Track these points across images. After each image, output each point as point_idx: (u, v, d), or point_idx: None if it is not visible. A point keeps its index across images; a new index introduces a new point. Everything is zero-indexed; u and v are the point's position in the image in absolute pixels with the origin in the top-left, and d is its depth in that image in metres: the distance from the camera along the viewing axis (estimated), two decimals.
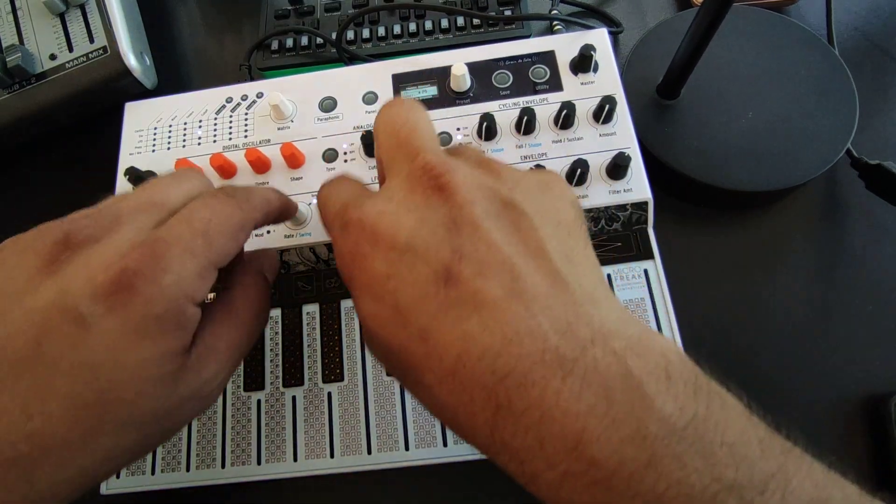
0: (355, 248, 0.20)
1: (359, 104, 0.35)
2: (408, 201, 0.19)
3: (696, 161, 0.34)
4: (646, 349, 0.17)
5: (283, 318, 0.32)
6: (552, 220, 0.20)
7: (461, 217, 0.18)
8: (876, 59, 0.40)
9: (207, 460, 0.30)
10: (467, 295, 0.17)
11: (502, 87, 0.35)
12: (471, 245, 0.18)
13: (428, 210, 0.19)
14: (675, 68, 0.34)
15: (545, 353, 0.16)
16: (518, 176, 0.21)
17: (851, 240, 0.35)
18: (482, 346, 0.17)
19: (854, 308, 0.33)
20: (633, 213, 0.31)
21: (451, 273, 0.17)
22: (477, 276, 0.17)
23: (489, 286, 0.17)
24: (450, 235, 0.18)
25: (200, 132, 0.36)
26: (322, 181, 0.24)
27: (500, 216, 0.19)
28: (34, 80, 0.38)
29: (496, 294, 0.17)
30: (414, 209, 0.19)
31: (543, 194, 0.21)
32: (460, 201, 0.19)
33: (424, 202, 0.19)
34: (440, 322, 0.17)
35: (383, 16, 0.42)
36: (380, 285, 0.19)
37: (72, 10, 0.40)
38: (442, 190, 0.19)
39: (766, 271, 0.34)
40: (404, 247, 0.18)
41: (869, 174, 0.34)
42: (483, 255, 0.18)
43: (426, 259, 0.18)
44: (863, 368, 0.32)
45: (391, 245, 0.19)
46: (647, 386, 0.15)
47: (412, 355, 0.18)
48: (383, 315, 0.19)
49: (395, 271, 0.18)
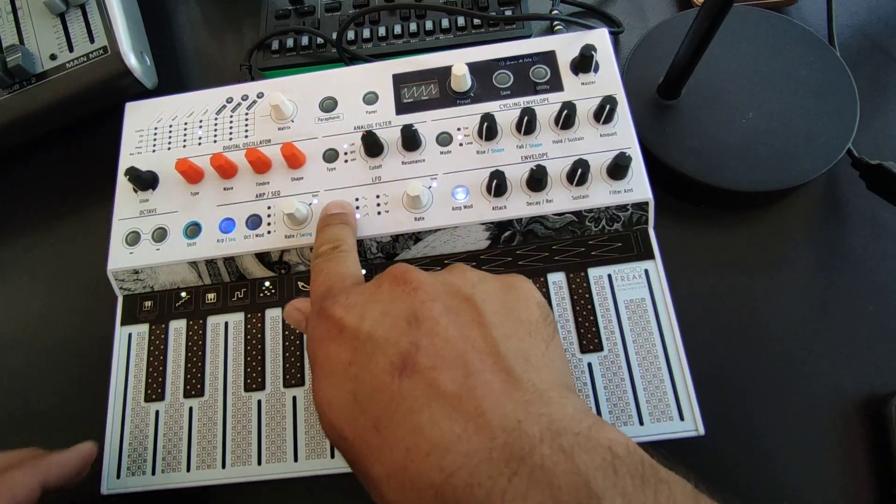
0: (325, 334, 0.21)
1: (359, 104, 0.35)
2: (375, 295, 0.21)
3: (697, 161, 0.34)
4: (594, 444, 0.17)
5: (283, 319, 0.32)
6: (512, 319, 0.21)
7: (422, 311, 0.20)
8: (876, 59, 0.40)
9: (207, 460, 0.29)
10: (421, 388, 0.18)
11: (503, 87, 0.35)
12: (428, 339, 0.19)
13: (392, 303, 0.20)
14: (675, 68, 0.34)
15: (492, 452, 0.16)
16: (484, 276, 0.22)
17: (852, 240, 0.35)
18: (431, 441, 0.17)
19: (854, 308, 0.33)
20: (634, 214, 0.31)
21: (407, 365, 0.18)
22: (431, 370, 0.18)
23: (443, 380, 0.18)
24: (409, 328, 0.19)
25: (201, 132, 0.36)
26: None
27: (460, 313, 0.20)
28: (34, 80, 0.38)
29: (449, 389, 0.18)
30: (379, 302, 0.21)
31: (506, 294, 0.22)
32: (422, 296, 0.20)
33: (389, 296, 0.21)
34: (393, 413, 0.18)
35: (384, 16, 0.42)
36: (341, 372, 0.20)
37: (72, 10, 0.40)
38: (406, 283, 0.21)
39: (766, 271, 0.34)
40: (366, 337, 0.20)
41: (870, 174, 0.34)
42: (439, 349, 0.18)
43: (385, 349, 0.19)
44: (863, 369, 0.32)
45: (354, 335, 0.20)
46: (595, 482, 0.15)
47: (365, 445, 0.18)
48: (341, 402, 0.19)
49: (356, 360, 0.19)
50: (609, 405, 0.28)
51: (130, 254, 0.33)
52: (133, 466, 0.30)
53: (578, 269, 0.31)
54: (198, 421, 0.30)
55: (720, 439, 0.30)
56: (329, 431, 0.21)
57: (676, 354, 0.29)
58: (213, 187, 0.34)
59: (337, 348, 0.20)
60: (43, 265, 0.39)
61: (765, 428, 0.31)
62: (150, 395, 0.31)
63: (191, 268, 0.33)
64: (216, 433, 0.30)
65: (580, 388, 0.29)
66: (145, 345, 0.32)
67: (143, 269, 0.33)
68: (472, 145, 0.33)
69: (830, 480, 0.29)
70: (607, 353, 0.29)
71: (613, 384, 0.29)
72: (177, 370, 0.31)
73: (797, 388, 0.31)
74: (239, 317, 0.32)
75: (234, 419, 0.30)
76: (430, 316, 0.19)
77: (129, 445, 0.30)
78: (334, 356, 0.20)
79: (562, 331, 0.30)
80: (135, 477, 0.30)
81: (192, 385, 0.31)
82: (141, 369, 0.32)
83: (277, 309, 0.32)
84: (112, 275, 0.33)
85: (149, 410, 0.31)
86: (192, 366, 0.31)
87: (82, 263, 0.38)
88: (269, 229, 0.32)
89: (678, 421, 0.28)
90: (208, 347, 0.32)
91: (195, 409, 0.31)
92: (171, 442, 0.30)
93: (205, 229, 0.33)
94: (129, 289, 0.33)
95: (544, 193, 0.32)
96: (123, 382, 0.31)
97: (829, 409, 0.31)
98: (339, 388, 0.19)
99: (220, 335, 0.32)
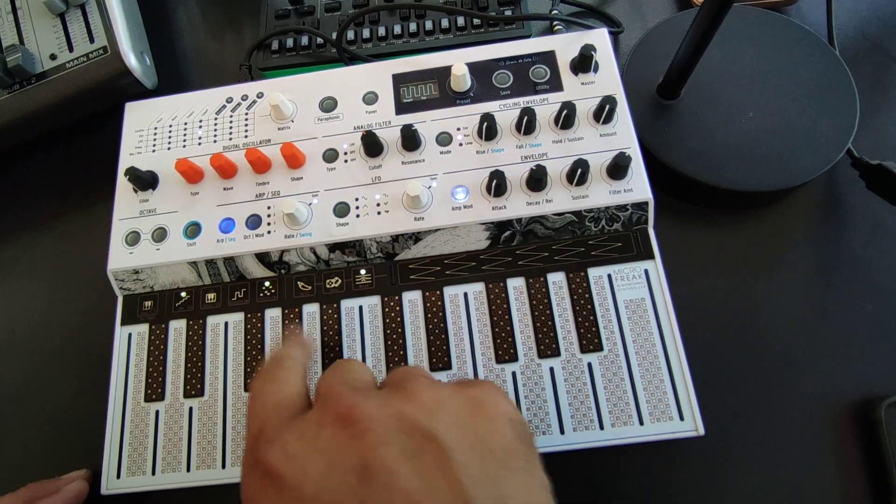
0: (260, 493, 0.18)
1: (359, 104, 0.35)
2: (317, 440, 0.18)
3: (697, 161, 0.34)
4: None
5: (283, 319, 0.32)
6: (480, 449, 0.18)
7: (373, 461, 0.17)
8: (876, 59, 0.40)
9: (208, 460, 0.30)
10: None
11: (503, 87, 0.35)
12: (385, 495, 0.16)
13: (338, 453, 0.17)
14: (675, 68, 0.34)
15: None
16: (443, 397, 0.19)
17: (851, 240, 0.35)
18: None
19: (854, 308, 0.33)
20: (634, 213, 0.31)
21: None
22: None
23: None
24: (360, 484, 0.17)
25: (201, 132, 0.36)
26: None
27: (417, 455, 0.17)
28: (34, 80, 0.38)
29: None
30: (323, 451, 0.18)
31: (474, 417, 0.19)
32: (372, 441, 0.17)
33: (334, 442, 0.18)
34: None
35: (383, 16, 0.42)
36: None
37: (72, 10, 0.40)
38: (352, 423, 0.18)
39: (766, 271, 0.34)
40: (309, 499, 0.17)
41: (869, 174, 0.34)
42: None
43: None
44: (862, 370, 0.32)
45: (296, 496, 0.17)
46: None
47: None
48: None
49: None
50: (609, 405, 0.28)
51: (130, 254, 0.33)
52: (133, 466, 0.30)
53: (578, 269, 0.31)
54: (198, 421, 0.30)
55: (720, 439, 0.30)
56: None
57: (676, 354, 0.29)
58: (212, 187, 0.34)
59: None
60: (43, 265, 0.39)
61: (764, 428, 0.31)
62: (150, 394, 0.31)
63: (191, 268, 0.33)
64: (216, 433, 0.30)
65: (580, 388, 0.29)
66: (145, 345, 0.32)
67: (143, 269, 0.33)
68: (472, 145, 0.33)
69: (828, 481, 0.29)
70: (607, 353, 0.29)
71: (613, 384, 0.29)
72: (177, 370, 0.31)
73: (797, 389, 0.32)
74: (239, 317, 0.32)
75: (234, 419, 0.30)
76: (384, 466, 0.17)
77: (129, 445, 0.30)
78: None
79: (561, 331, 0.30)
80: (135, 477, 0.30)
81: (192, 385, 0.31)
82: (141, 369, 0.32)
83: (277, 309, 0.32)
84: (112, 275, 0.33)
85: (149, 410, 0.31)
86: (191, 366, 0.31)
87: (82, 263, 0.38)
88: (268, 229, 0.32)
89: (678, 421, 0.28)
90: (208, 347, 0.32)
91: (195, 409, 0.31)
92: (171, 442, 0.30)
93: (205, 229, 0.33)
94: (129, 289, 0.33)
95: (544, 193, 0.32)
96: (123, 382, 0.31)
97: (828, 410, 0.31)
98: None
99: (220, 335, 0.32)
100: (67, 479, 0.31)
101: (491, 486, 0.17)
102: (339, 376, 0.21)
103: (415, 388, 0.19)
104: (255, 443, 0.19)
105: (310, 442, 0.18)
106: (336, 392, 0.19)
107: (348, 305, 0.32)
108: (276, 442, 0.19)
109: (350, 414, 0.18)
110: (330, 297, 0.32)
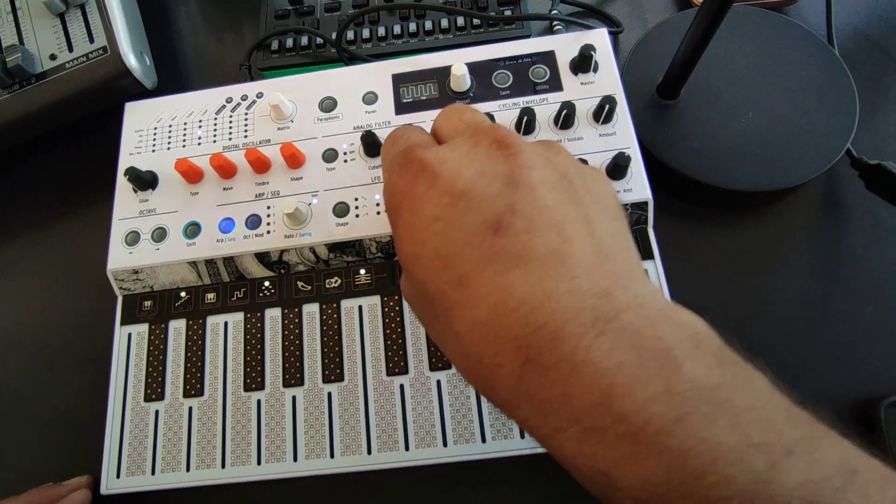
0: (410, 186, 0.20)
1: (359, 104, 0.35)
2: (471, 154, 0.20)
3: (696, 161, 0.34)
4: (677, 321, 0.17)
5: (283, 318, 0.32)
6: (601, 202, 0.20)
7: (520, 177, 0.19)
8: (876, 59, 0.40)
9: (207, 460, 0.30)
10: (514, 248, 0.18)
11: (502, 87, 0.35)
12: (524, 203, 0.18)
13: (490, 164, 0.19)
14: (675, 68, 0.34)
15: (581, 313, 0.16)
16: (574, 160, 0.22)
17: (851, 240, 0.35)
18: (519, 297, 0.17)
19: (854, 308, 0.33)
20: (634, 213, 0.31)
21: (502, 225, 0.18)
22: (526, 232, 0.18)
23: (536, 243, 0.18)
24: (507, 190, 0.19)
25: (200, 132, 0.36)
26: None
27: (556, 186, 0.19)
28: (34, 80, 0.38)
29: (542, 251, 0.17)
30: (476, 161, 0.20)
31: (595, 182, 0.21)
32: (521, 162, 0.19)
33: (487, 157, 0.20)
34: (482, 270, 0.18)
35: (383, 16, 0.42)
36: (426, 227, 0.19)
37: (72, 10, 0.40)
38: (507, 148, 0.20)
39: (766, 271, 0.34)
40: (460, 193, 0.19)
41: (869, 174, 0.34)
42: (535, 214, 0.18)
43: (479, 208, 0.18)
44: (862, 369, 0.32)
45: (447, 190, 0.19)
46: (676, 351, 0.16)
47: (447, 300, 0.18)
48: (424, 256, 0.19)
49: (445, 215, 0.19)
50: None
51: (130, 254, 0.33)
52: (133, 466, 0.30)
53: None
54: (197, 421, 0.30)
55: None
56: (410, 288, 0.21)
57: None
58: (212, 187, 0.34)
59: (424, 204, 0.19)
60: (43, 265, 0.39)
61: None
62: (150, 394, 0.31)
63: (190, 268, 0.33)
64: (216, 433, 0.30)
65: None
66: (145, 344, 0.32)
67: (143, 269, 0.33)
68: None
69: None
70: None
71: None
72: (176, 370, 0.31)
73: (797, 389, 0.31)
74: (238, 317, 0.32)
75: (233, 419, 0.30)
76: (528, 182, 0.19)
77: (129, 445, 0.30)
78: (420, 211, 0.19)
79: None
80: (135, 477, 0.30)
81: (192, 385, 0.31)
82: (141, 369, 0.32)
83: (277, 309, 0.32)
84: (112, 275, 0.33)
85: (148, 410, 0.31)
86: (191, 366, 0.31)
87: (82, 263, 0.38)
88: (268, 229, 0.32)
89: None
90: (208, 347, 0.32)
91: (195, 409, 0.31)
92: (171, 442, 0.30)
93: (204, 229, 0.33)
94: (129, 289, 0.33)
95: None
96: (123, 382, 0.31)
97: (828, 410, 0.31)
98: (423, 245, 0.19)
99: (220, 335, 0.32)
100: (70, 487, 0.31)
101: (606, 223, 0.19)
102: (480, 115, 0.23)
103: (557, 146, 0.22)
104: (407, 151, 0.21)
105: (464, 153, 0.20)
106: (488, 125, 0.21)
107: (348, 305, 0.32)
108: (432, 149, 0.21)
109: (505, 140, 0.20)
110: (330, 297, 0.32)
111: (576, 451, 0.16)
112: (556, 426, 0.16)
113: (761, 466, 0.14)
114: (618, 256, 0.18)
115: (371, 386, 0.30)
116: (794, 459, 0.15)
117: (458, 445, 0.29)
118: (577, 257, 0.17)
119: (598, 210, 0.20)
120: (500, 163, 0.19)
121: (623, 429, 0.15)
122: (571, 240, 0.18)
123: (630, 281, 0.18)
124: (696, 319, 0.18)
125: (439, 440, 0.29)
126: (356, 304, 0.32)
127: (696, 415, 0.15)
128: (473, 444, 0.29)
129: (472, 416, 0.29)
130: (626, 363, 0.16)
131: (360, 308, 0.32)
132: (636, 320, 0.16)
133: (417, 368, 0.30)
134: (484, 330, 0.17)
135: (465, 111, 0.23)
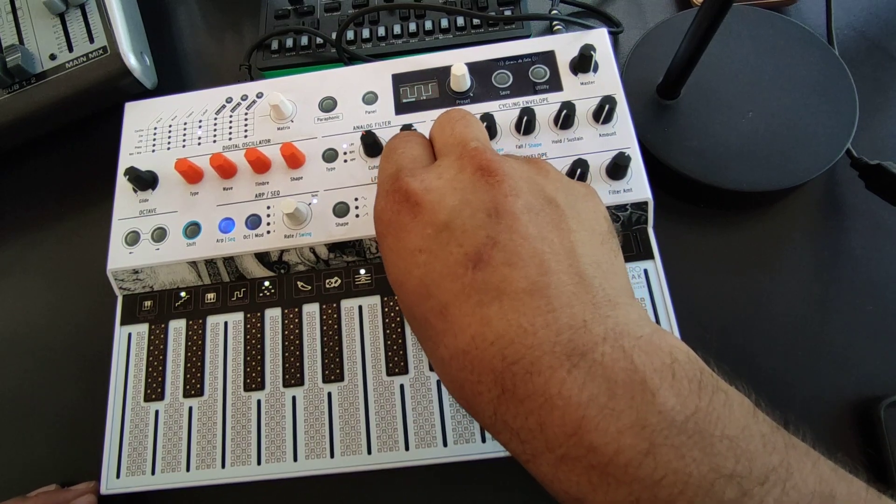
0: (395, 216, 0.20)
1: (359, 104, 0.35)
2: (455, 181, 0.20)
3: (696, 161, 0.34)
4: (655, 348, 0.17)
5: (283, 318, 0.32)
6: (588, 227, 0.20)
7: (503, 206, 0.19)
8: (876, 59, 0.40)
9: (207, 460, 0.30)
10: (493, 282, 0.18)
11: (502, 87, 0.35)
12: (506, 234, 0.18)
13: (473, 193, 0.19)
14: (675, 68, 0.34)
15: (556, 346, 0.16)
16: (564, 180, 0.22)
17: (851, 240, 0.35)
18: (497, 331, 0.17)
19: (854, 308, 0.33)
20: (633, 213, 0.31)
21: (482, 259, 0.18)
22: (505, 265, 0.18)
23: (516, 276, 0.18)
24: (489, 221, 0.19)
25: (200, 132, 0.36)
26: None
27: (541, 213, 0.19)
28: (34, 80, 0.38)
29: (521, 286, 0.18)
30: (460, 189, 0.20)
31: (584, 202, 0.21)
32: (506, 190, 0.19)
33: (471, 185, 0.20)
34: (462, 302, 0.18)
35: (383, 16, 0.42)
36: (410, 257, 0.19)
37: (72, 10, 0.40)
38: (491, 174, 0.20)
39: (765, 271, 0.34)
40: (442, 225, 0.19)
41: (869, 174, 0.34)
42: (516, 247, 0.18)
43: (461, 240, 0.19)
44: (861, 369, 0.32)
45: (430, 221, 0.19)
46: (651, 381, 0.16)
47: (431, 327, 0.19)
48: (409, 284, 0.19)
49: (428, 247, 0.19)
50: None
51: (130, 254, 0.33)
52: (133, 466, 0.30)
53: None
54: (197, 421, 0.30)
55: None
56: (402, 308, 0.21)
57: None
58: (212, 187, 0.34)
59: (408, 234, 0.20)
60: (43, 265, 0.39)
61: None
62: (150, 394, 0.31)
63: (190, 268, 0.33)
64: (216, 433, 0.30)
65: None
66: (145, 344, 0.32)
67: (143, 269, 0.33)
68: None
69: None
70: None
71: None
72: (176, 370, 0.31)
73: (797, 389, 0.32)
74: (238, 316, 0.32)
75: (233, 419, 0.30)
76: (512, 212, 0.19)
77: (129, 445, 0.30)
78: (404, 241, 0.20)
79: None
80: (134, 477, 0.30)
81: (192, 385, 0.31)
82: (140, 369, 0.32)
83: (277, 309, 0.32)
84: (112, 275, 0.33)
85: (148, 410, 0.31)
86: (191, 365, 0.31)
87: (82, 263, 0.38)
88: (268, 229, 0.32)
89: None
90: (208, 347, 0.32)
91: (195, 409, 0.31)
92: (171, 442, 0.30)
93: (204, 229, 0.33)
94: (129, 289, 0.33)
95: None
96: (123, 382, 0.31)
97: (828, 410, 0.31)
98: (408, 274, 0.20)
99: (220, 335, 0.32)
100: (76, 492, 0.31)
101: (591, 251, 0.19)
102: (470, 131, 0.23)
103: (545, 166, 0.22)
104: (396, 175, 0.21)
105: (448, 181, 0.20)
106: (474, 147, 0.21)
107: (348, 305, 0.32)
108: (417, 176, 0.21)
109: (489, 166, 0.20)
110: (330, 297, 0.32)
111: (551, 476, 0.16)
112: (532, 452, 0.17)
113: (732, 496, 0.14)
114: (600, 284, 0.18)
115: (371, 386, 0.30)
116: (768, 487, 0.15)
117: (458, 445, 0.29)
118: (555, 290, 0.18)
119: (584, 236, 0.20)
120: (484, 191, 0.19)
121: (594, 459, 0.15)
122: (551, 271, 0.18)
123: (611, 309, 0.18)
124: (678, 345, 0.18)
125: (439, 440, 0.29)
126: (356, 304, 0.32)
127: (666, 446, 0.15)
128: (473, 444, 0.29)
129: (471, 417, 0.29)
130: (597, 396, 0.16)
131: (360, 308, 0.32)
132: (611, 352, 0.16)
133: (417, 368, 0.30)
134: (464, 359, 0.18)
135: (458, 123, 0.23)
